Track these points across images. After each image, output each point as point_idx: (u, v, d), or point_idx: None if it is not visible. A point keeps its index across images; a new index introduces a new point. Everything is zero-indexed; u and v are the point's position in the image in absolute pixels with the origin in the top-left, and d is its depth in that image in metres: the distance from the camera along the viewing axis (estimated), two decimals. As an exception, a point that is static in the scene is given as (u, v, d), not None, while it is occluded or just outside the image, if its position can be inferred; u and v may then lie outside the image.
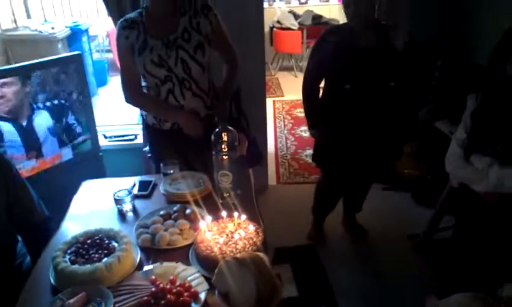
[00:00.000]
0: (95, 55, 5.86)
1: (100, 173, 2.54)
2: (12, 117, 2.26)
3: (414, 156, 3.05)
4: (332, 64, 2.15)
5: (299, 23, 5.96)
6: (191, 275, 1.25)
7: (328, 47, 2.16)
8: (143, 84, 1.96)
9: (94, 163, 2.63)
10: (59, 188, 1.84)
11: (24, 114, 2.31)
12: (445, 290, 1.61)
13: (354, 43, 2.10)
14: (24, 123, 2.31)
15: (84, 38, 4.89)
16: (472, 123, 1.53)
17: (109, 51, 6.38)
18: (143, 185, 1.80)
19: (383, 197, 3.07)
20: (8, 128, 2.25)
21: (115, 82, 5.63)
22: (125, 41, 1.86)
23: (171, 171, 1.81)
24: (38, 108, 2.36)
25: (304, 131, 4.33)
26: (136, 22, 1.86)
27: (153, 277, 1.24)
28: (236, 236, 1.37)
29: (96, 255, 1.30)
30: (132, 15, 1.91)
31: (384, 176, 2.82)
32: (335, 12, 6.15)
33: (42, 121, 2.38)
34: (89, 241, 1.37)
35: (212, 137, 1.57)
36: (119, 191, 1.65)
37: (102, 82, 5.48)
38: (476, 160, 1.52)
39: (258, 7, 2.80)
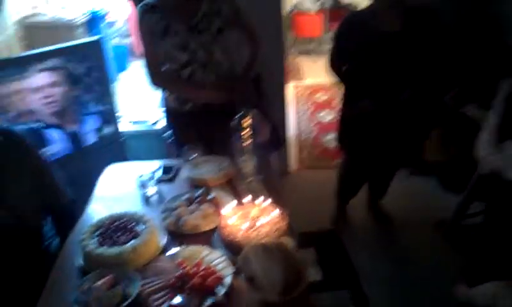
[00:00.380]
0: (115, 41, 5.87)
1: (122, 158, 2.56)
2: (60, 122, 2.30)
3: (442, 141, 2.97)
4: (356, 48, 2.09)
5: (319, 6, 5.85)
6: (216, 259, 1.25)
7: (351, 30, 2.12)
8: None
9: (116, 148, 2.65)
10: (81, 173, 1.86)
11: (72, 119, 2.37)
12: (474, 278, 1.57)
13: (377, 26, 2.04)
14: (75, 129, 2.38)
15: (104, 23, 4.90)
16: (506, 108, 1.46)
17: (128, 36, 6.39)
18: (167, 170, 1.80)
19: (410, 183, 3.00)
20: (56, 135, 2.31)
21: (135, 67, 5.65)
22: (147, 25, 1.86)
23: (194, 156, 1.81)
24: (87, 114, 2.42)
25: (324, 116, 4.27)
26: (156, 6, 1.86)
27: (179, 260, 1.24)
28: (260, 221, 1.35)
29: (123, 238, 1.31)
30: None
31: (412, 160, 2.76)
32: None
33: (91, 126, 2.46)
34: (115, 224, 1.38)
35: (235, 121, 1.55)
36: (143, 175, 1.66)
37: (122, 68, 5.50)
38: (509, 146, 1.46)
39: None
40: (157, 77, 1.95)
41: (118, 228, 1.36)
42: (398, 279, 2.25)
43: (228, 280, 1.18)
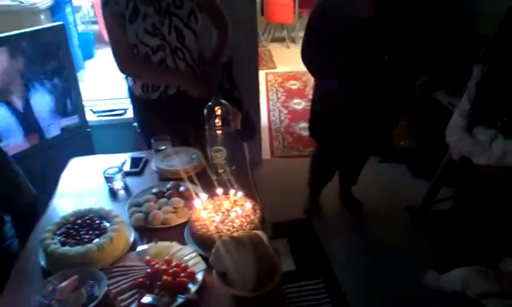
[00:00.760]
0: (80, 28, 5.66)
1: (88, 150, 2.47)
2: (3, 99, 2.15)
3: (411, 128, 3.01)
4: (328, 35, 2.05)
5: (291, -8, 5.81)
6: (188, 255, 1.21)
7: (323, 16, 2.07)
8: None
9: (82, 139, 2.55)
10: (45, 166, 1.78)
11: (18, 94, 2.20)
12: (444, 263, 1.60)
13: (350, 12, 2.00)
14: (20, 105, 2.20)
15: (68, 9, 4.70)
16: (477, 93, 1.47)
17: (94, 23, 6.17)
18: (134, 162, 1.74)
19: (380, 170, 3.05)
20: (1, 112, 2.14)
21: (102, 54, 5.46)
22: (114, 7, 1.75)
23: (163, 147, 1.75)
24: (34, 87, 2.25)
25: (297, 104, 4.26)
26: None
27: (148, 257, 1.20)
28: (233, 214, 1.32)
29: (87, 236, 1.25)
30: None
31: (381, 148, 2.78)
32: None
33: (41, 100, 2.29)
34: (79, 221, 1.31)
35: (205, 110, 1.50)
36: (109, 168, 1.59)
37: (88, 55, 5.31)
38: (479, 132, 1.47)
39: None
40: (127, 64, 1.86)
41: (83, 225, 1.30)
42: (370, 267, 2.28)
43: (200, 276, 1.14)
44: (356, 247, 2.41)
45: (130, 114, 2.85)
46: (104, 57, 5.35)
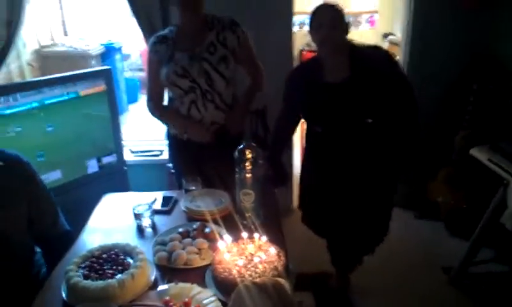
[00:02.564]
0: (128, 74, 6.00)
1: (124, 187, 2.53)
2: None
3: (449, 183, 2.89)
4: (299, 105, 1.91)
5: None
6: (207, 298, 1.18)
7: (293, 84, 1.93)
8: (169, 95, 2.01)
9: (119, 177, 2.63)
10: (82, 201, 1.83)
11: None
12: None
13: (321, 77, 1.82)
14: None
15: (118, 56, 5.01)
16: None
17: (141, 70, 6.51)
18: (164, 201, 1.76)
19: (415, 226, 2.92)
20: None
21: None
22: (155, 55, 1.93)
23: (193, 188, 1.77)
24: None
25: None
26: (166, 38, 1.93)
27: (167, 298, 1.18)
28: (256, 259, 1.29)
29: (110, 271, 1.25)
30: (163, 31, 1.98)
31: (416, 203, 2.64)
32: (366, 37, 6.08)
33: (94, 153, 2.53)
34: (104, 256, 1.33)
35: (236, 153, 1.52)
36: (139, 205, 1.62)
37: (133, 99, 5.59)
38: None
39: (287, 29, 2.79)
40: (155, 106, 2.02)
41: (108, 260, 1.31)
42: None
43: (217, 321, 1.11)
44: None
45: (165, 155, 2.92)
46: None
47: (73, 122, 2.39)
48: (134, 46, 6.15)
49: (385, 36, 4.91)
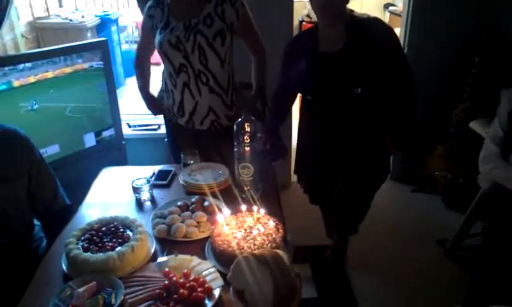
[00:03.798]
0: (124, 46, 5.90)
1: (121, 162, 2.53)
2: None
3: (447, 157, 2.90)
4: (294, 75, 1.91)
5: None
6: (206, 269, 1.19)
7: (290, 55, 1.93)
8: (163, 77, 1.98)
9: (116, 151, 2.61)
10: (80, 175, 1.82)
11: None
12: (475, 300, 1.50)
13: (316, 48, 1.83)
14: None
15: (114, 28, 4.91)
16: (510, 120, 1.40)
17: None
18: (163, 175, 1.76)
19: (412, 199, 2.94)
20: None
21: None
22: (149, 19, 1.89)
23: (191, 162, 1.76)
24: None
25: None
26: (161, 2, 1.87)
27: (167, 269, 1.19)
28: (255, 231, 1.30)
29: (110, 243, 1.26)
30: None
31: (413, 176, 2.66)
32: (367, 7, 5.98)
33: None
34: (103, 228, 1.33)
35: (235, 127, 1.51)
36: (137, 179, 1.62)
37: (130, 73, 5.50)
38: None
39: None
40: (138, 64, 2.07)
41: (107, 233, 1.32)
42: (398, 300, 2.17)
43: (216, 292, 1.12)
44: (382, 278, 2.30)
45: (163, 129, 2.90)
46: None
47: (69, 95, 2.35)
48: (129, 17, 6.03)
49: (386, 6, 4.82)
